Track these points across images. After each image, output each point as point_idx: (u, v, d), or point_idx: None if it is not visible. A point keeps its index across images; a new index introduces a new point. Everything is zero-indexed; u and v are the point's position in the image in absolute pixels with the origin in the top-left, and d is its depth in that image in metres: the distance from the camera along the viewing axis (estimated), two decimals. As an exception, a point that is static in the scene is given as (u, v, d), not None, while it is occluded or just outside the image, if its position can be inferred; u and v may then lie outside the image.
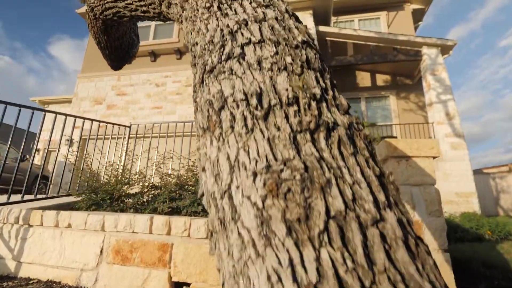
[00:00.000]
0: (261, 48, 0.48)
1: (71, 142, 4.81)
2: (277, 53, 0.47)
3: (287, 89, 0.41)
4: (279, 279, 0.29)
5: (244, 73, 0.45)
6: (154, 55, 9.30)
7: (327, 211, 0.32)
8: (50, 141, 3.31)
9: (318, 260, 0.29)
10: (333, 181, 0.33)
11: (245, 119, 0.41)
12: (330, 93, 0.44)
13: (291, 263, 0.29)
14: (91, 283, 1.96)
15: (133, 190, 3.29)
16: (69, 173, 3.43)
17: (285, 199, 0.33)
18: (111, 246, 2.00)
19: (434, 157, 1.78)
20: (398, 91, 9.10)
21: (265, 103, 0.41)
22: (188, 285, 1.82)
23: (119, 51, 1.72)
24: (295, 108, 0.40)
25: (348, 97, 9.43)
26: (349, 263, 0.28)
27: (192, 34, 0.63)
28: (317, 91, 0.42)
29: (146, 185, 3.19)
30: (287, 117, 0.39)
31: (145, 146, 4.20)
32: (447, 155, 6.72)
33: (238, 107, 0.42)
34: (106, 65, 2.28)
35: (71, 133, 4.66)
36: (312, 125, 0.37)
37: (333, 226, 0.31)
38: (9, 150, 2.80)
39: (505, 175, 11.28)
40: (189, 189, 3.03)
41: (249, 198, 0.35)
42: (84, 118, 3.65)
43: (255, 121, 0.40)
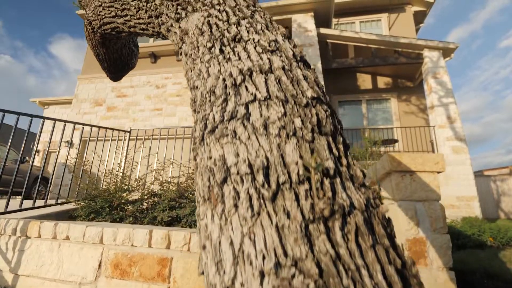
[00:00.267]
0: (267, 107, 0.44)
1: (71, 144, 4.78)
2: (285, 114, 0.43)
3: (297, 162, 0.37)
4: None
5: (249, 138, 0.41)
6: (154, 56, 9.27)
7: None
8: (50, 142, 3.28)
9: None
10: None
11: (250, 199, 0.37)
12: (344, 161, 0.41)
13: None
14: (89, 297, 1.93)
15: (133, 197, 3.26)
16: (69, 174, 3.39)
17: None
18: (109, 259, 1.97)
19: (439, 172, 1.74)
20: (399, 93, 9.06)
21: (272, 180, 0.37)
22: (187, 300, 1.79)
23: (118, 62, 1.68)
24: (306, 186, 0.36)
25: (349, 99, 9.40)
26: None
27: (191, 74, 0.59)
28: (330, 164, 0.39)
29: (145, 192, 3.16)
30: (297, 199, 0.35)
31: (145, 151, 4.17)
32: (448, 159, 6.68)
33: (242, 182, 0.38)
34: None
35: (71, 135, 4.64)
36: (326, 212, 0.32)
37: None
38: (8, 152, 2.77)
39: (506, 177, 11.25)
40: (189, 197, 3.00)
41: None
42: (83, 124, 3.62)
43: (262, 202, 0.36)
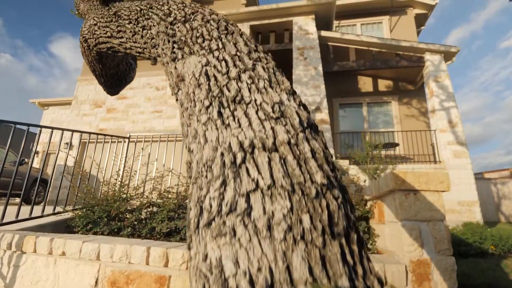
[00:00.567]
0: (271, 199, 0.39)
1: (70, 146, 4.74)
2: (291, 209, 0.38)
3: (306, 282, 0.32)
4: None
5: (250, 241, 0.36)
6: (154, 58, 9.20)
7: None
8: (49, 143, 3.24)
9: None
10: None
11: None
12: (360, 270, 0.34)
13: None
14: (85, 315, 1.89)
15: (132, 205, 3.22)
16: (67, 175, 3.33)
17: None
18: (106, 277, 1.93)
19: (444, 191, 1.70)
20: (400, 96, 9.02)
21: None
22: (186, 321, 1.75)
23: (115, 78, 1.64)
24: None
25: (349, 102, 9.36)
26: None
27: (187, 131, 0.54)
28: (344, 283, 0.33)
29: (144, 202, 3.12)
30: None
31: (143, 158, 4.13)
32: (449, 163, 6.64)
33: None
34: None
35: (71, 136, 4.58)
36: None
37: None
38: (7, 155, 2.73)
39: (506, 180, 11.23)
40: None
41: None
42: (81, 132, 3.58)
43: None
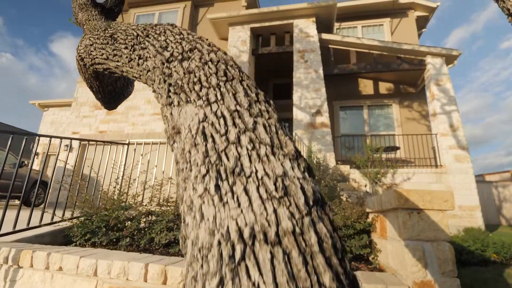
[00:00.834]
0: None
1: (70, 148, 4.73)
2: None
3: None
4: None
5: None
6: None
7: None
8: (50, 145, 3.21)
9: None
10: None
11: None
12: None
13: None
14: (82, 332, 1.86)
15: (131, 214, 3.19)
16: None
17: None
18: (104, 293, 1.89)
19: (448, 210, 1.67)
20: (401, 99, 8.98)
21: None
22: None
23: (113, 94, 1.61)
24: None
25: (350, 104, 9.32)
26: None
27: (183, 196, 0.50)
28: None
29: (143, 211, 3.08)
30: None
31: (142, 166, 4.09)
32: (450, 167, 6.61)
33: None
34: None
35: (70, 139, 4.56)
36: None
37: None
38: (6, 158, 2.71)
39: (507, 183, 11.19)
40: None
41: None
42: (80, 140, 3.55)
43: None
